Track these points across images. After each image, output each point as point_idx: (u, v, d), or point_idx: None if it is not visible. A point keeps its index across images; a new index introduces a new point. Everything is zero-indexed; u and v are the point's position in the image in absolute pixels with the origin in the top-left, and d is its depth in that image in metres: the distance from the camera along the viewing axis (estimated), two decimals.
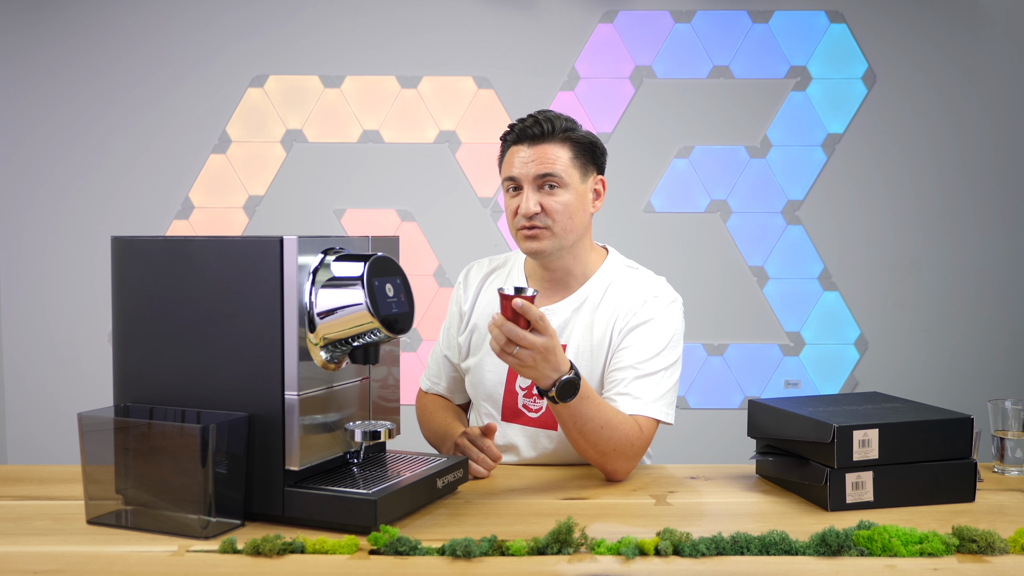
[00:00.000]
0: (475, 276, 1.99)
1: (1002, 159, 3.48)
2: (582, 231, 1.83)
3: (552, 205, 1.77)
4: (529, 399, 1.85)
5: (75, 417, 1.45)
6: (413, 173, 3.50)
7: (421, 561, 1.28)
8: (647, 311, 1.80)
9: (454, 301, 2.00)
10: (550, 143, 1.78)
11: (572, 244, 1.82)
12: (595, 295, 1.85)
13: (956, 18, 3.45)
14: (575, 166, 1.80)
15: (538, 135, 1.78)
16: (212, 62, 3.48)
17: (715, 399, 3.52)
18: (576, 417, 1.61)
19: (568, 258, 1.84)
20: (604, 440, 1.64)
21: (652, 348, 1.77)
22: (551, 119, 1.79)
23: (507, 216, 1.84)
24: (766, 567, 1.25)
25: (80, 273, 3.51)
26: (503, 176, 1.84)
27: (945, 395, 3.38)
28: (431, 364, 2.05)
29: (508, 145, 1.84)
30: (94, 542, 1.37)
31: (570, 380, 1.56)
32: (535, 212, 1.76)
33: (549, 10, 3.47)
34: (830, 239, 3.50)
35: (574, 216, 1.79)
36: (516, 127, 1.81)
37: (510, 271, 1.97)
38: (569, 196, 1.79)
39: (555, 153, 1.78)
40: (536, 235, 1.78)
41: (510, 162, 1.81)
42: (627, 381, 1.75)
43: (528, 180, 1.78)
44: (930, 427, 1.53)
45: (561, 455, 1.85)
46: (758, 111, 3.48)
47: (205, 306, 1.45)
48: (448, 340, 2.00)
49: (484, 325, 1.90)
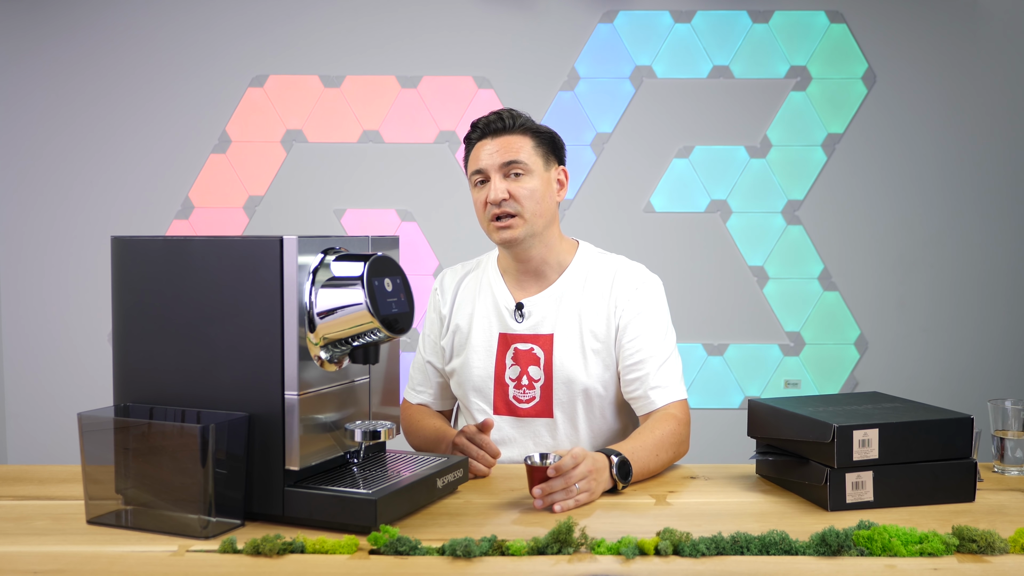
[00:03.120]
0: (450, 281, 2.03)
1: (1002, 159, 3.48)
2: (550, 218, 1.90)
3: (519, 191, 1.84)
4: (519, 390, 1.89)
5: (75, 417, 1.45)
6: (413, 173, 3.50)
7: (421, 561, 1.28)
8: (641, 298, 1.89)
9: (432, 308, 2.04)
10: (513, 134, 1.88)
11: (542, 231, 1.88)
12: (575, 283, 1.91)
13: (956, 18, 3.45)
14: (538, 154, 1.89)
15: (501, 128, 1.88)
16: (212, 62, 3.48)
17: (715, 399, 3.52)
18: (643, 472, 1.69)
19: (540, 247, 1.90)
20: (668, 458, 1.76)
21: (658, 334, 1.87)
22: (512, 114, 1.89)
23: (477, 211, 1.91)
24: (766, 567, 1.25)
25: (80, 273, 3.51)
26: (470, 171, 1.91)
27: (945, 395, 3.38)
28: (414, 375, 2.07)
29: (473, 143, 1.92)
30: (94, 542, 1.37)
31: (620, 463, 1.62)
32: (503, 198, 1.83)
33: (549, 10, 3.47)
34: (830, 239, 3.50)
35: (541, 201, 1.86)
36: (479, 123, 1.91)
37: (483, 271, 2.00)
38: (535, 182, 1.86)
39: (518, 142, 1.87)
40: (508, 224, 1.85)
41: (476, 156, 1.89)
42: (652, 374, 1.84)
43: (495, 169, 1.85)
44: (930, 427, 1.53)
45: (563, 447, 1.87)
46: (758, 111, 3.48)
47: (205, 306, 1.45)
48: (431, 346, 2.02)
49: (464, 326, 1.95)
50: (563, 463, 1.51)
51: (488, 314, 1.93)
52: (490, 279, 1.96)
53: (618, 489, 1.62)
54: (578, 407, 1.87)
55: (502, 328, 1.91)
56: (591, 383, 1.86)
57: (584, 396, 1.86)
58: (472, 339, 1.92)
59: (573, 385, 1.86)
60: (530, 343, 1.88)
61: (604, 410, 1.89)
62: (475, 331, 1.93)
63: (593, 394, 1.87)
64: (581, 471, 1.53)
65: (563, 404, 1.87)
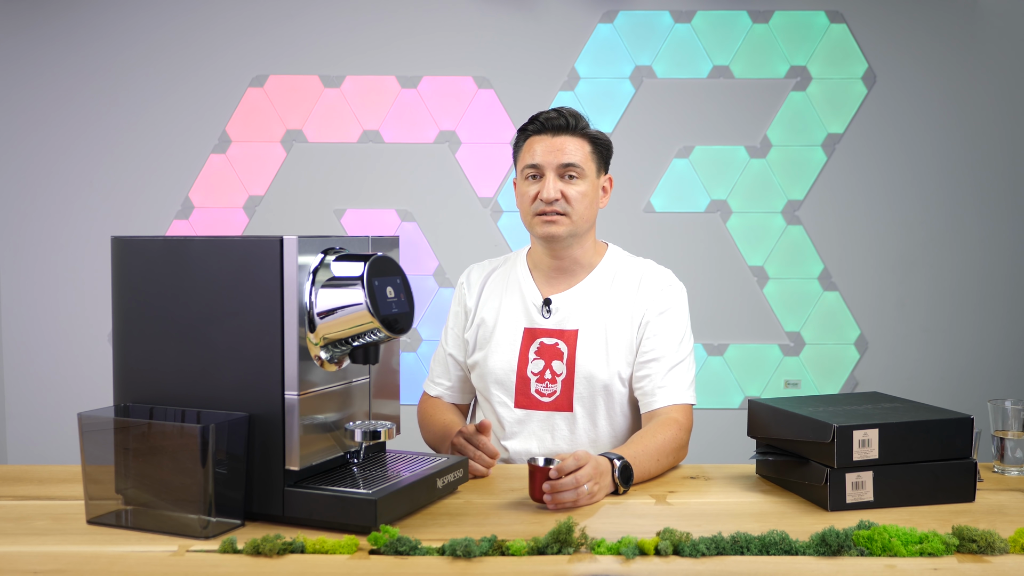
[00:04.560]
0: (477, 275, 2.06)
1: (1002, 159, 3.48)
2: (592, 222, 1.94)
3: (572, 193, 1.87)
4: (541, 384, 1.91)
5: (75, 417, 1.45)
6: (413, 173, 3.50)
7: (421, 561, 1.28)
8: (666, 299, 1.92)
9: (457, 301, 2.06)
10: (572, 136, 1.90)
11: (583, 234, 1.92)
12: (603, 282, 1.94)
13: (956, 18, 3.45)
14: (592, 160, 1.92)
15: (562, 127, 1.90)
16: (212, 62, 3.48)
17: (715, 399, 3.52)
18: (643, 476, 1.70)
19: (577, 248, 1.93)
20: (668, 463, 1.77)
21: (675, 336, 1.90)
22: (574, 115, 1.92)
23: (522, 203, 1.92)
24: (766, 567, 1.25)
25: (80, 273, 3.51)
26: (523, 164, 1.91)
27: (945, 395, 3.38)
28: (435, 367, 2.09)
29: (528, 135, 1.93)
30: (94, 542, 1.37)
31: (623, 468, 1.62)
32: (556, 198, 1.86)
33: (549, 10, 3.47)
34: (830, 239, 3.50)
35: (590, 206, 1.91)
36: (540, 117, 1.92)
37: (512, 268, 2.02)
38: (587, 186, 1.89)
39: (576, 145, 1.89)
40: (554, 220, 1.88)
41: (531, 150, 1.90)
42: (661, 374, 1.86)
43: (551, 168, 1.88)
44: (930, 427, 1.53)
45: (580, 441, 1.89)
46: (758, 111, 3.47)
47: (205, 306, 1.45)
48: (454, 339, 2.05)
49: (490, 320, 1.97)
50: (565, 464, 1.51)
51: (515, 309, 1.96)
52: (519, 275, 1.99)
53: (619, 493, 1.62)
54: (598, 403, 1.89)
55: (528, 323, 1.94)
56: (612, 380, 1.88)
57: (605, 392, 1.88)
58: (497, 333, 1.95)
59: (594, 381, 1.88)
60: (555, 338, 1.91)
61: (624, 407, 1.91)
62: (500, 325, 1.95)
63: (614, 390, 1.88)
64: (587, 472, 1.53)
65: (583, 399, 1.89)
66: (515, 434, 1.92)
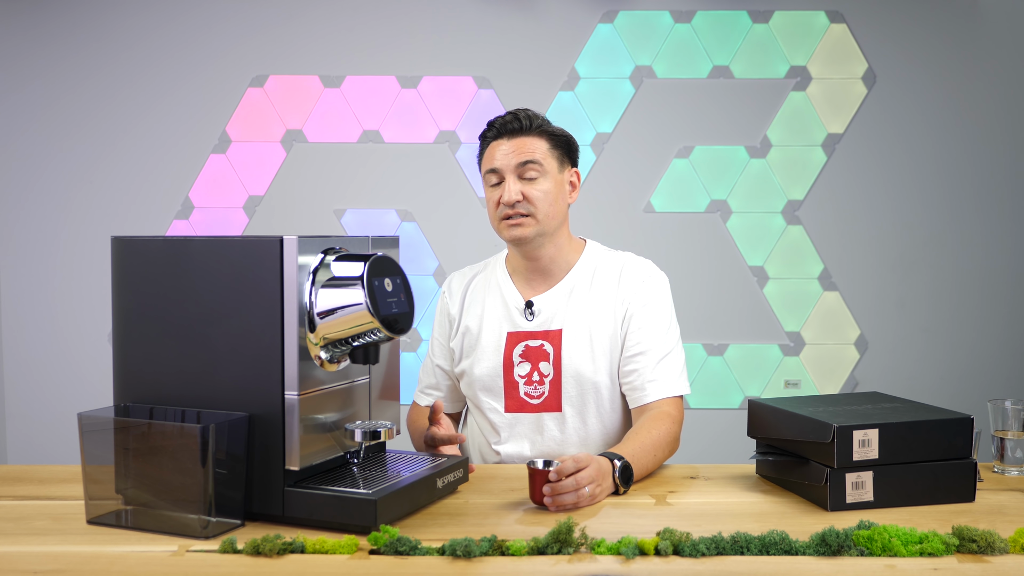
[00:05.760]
0: (458, 283, 2.05)
1: (1002, 159, 3.48)
2: (561, 219, 1.92)
3: (533, 193, 1.86)
4: (530, 386, 1.90)
5: (75, 417, 1.45)
6: (413, 173, 3.50)
7: (421, 561, 1.28)
8: (647, 290, 1.91)
9: (440, 311, 2.06)
10: (528, 136, 1.89)
11: (553, 232, 1.90)
12: (583, 280, 1.93)
13: (956, 18, 3.45)
14: (553, 156, 1.90)
15: (517, 129, 1.89)
16: (212, 62, 3.48)
17: (715, 399, 3.52)
18: (641, 473, 1.70)
19: (550, 247, 1.92)
20: (663, 457, 1.77)
21: (661, 327, 1.89)
22: (528, 116, 1.90)
23: (489, 209, 1.92)
24: (766, 567, 1.25)
25: (80, 273, 3.51)
26: (485, 169, 1.92)
27: (945, 395, 3.38)
28: (423, 378, 2.09)
29: (488, 142, 1.93)
30: (94, 542, 1.37)
31: (623, 468, 1.62)
32: (517, 200, 1.85)
33: (549, 10, 3.47)
34: (830, 239, 3.50)
35: (554, 203, 1.88)
36: (496, 123, 1.91)
37: (491, 273, 2.02)
38: (548, 184, 1.88)
39: (534, 144, 1.88)
40: (519, 223, 1.86)
41: (491, 156, 1.90)
42: (650, 367, 1.86)
43: (509, 169, 1.87)
44: (930, 427, 1.53)
45: (571, 440, 1.89)
46: (758, 111, 3.48)
47: (205, 306, 1.45)
48: (440, 349, 2.05)
49: (474, 327, 1.97)
50: (564, 466, 1.51)
51: (497, 314, 1.95)
52: (499, 279, 1.98)
53: (619, 493, 1.62)
54: (587, 401, 1.88)
55: (511, 327, 1.92)
56: (599, 377, 1.87)
57: (594, 390, 1.88)
58: (482, 339, 1.94)
59: (582, 379, 1.87)
60: (540, 339, 1.90)
61: (613, 403, 1.90)
62: (485, 331, 1.94)
63: (602, 388, 1.88)
64: (589, 474, 1.53)
65: (572, 398, 1.88)
66: (508, 438, 1.92)
